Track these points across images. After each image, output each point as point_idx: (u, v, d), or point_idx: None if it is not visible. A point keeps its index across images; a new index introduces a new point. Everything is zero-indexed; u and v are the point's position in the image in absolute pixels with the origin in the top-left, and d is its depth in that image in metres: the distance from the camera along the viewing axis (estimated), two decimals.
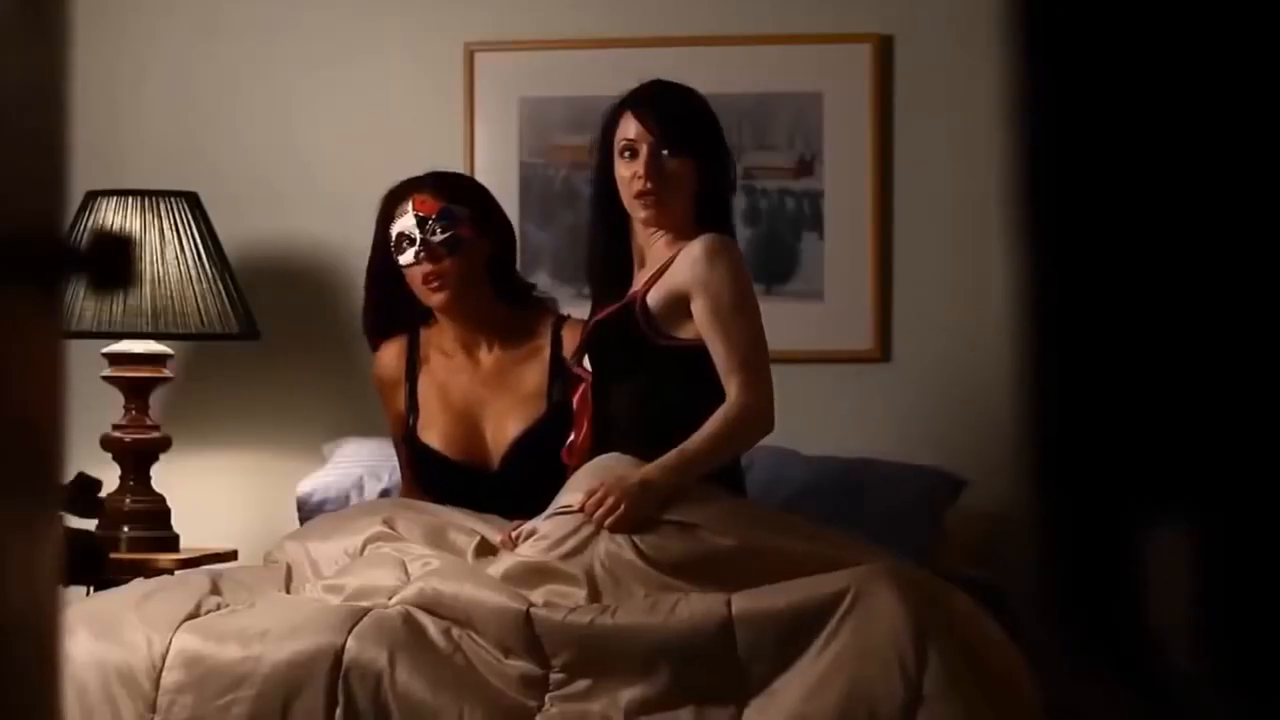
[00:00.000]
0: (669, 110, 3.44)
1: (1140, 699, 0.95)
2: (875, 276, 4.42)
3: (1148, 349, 0.94)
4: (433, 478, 3.71)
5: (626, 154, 3.43)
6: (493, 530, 3.45)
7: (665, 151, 3.41)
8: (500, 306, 3.76)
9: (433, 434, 3.72)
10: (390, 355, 3.80)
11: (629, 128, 3.43)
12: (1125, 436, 0.94)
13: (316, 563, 3.53)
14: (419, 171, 3.80)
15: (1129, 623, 0.95)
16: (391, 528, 3.51)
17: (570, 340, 3.70)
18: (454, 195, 3.69)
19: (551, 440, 3.59)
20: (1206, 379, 0.92)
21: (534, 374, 3.72)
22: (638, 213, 3.44)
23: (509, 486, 3.60)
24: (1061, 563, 0.97)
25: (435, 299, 3.67)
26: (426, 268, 3.63)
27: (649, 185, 3.39)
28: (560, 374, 3.69)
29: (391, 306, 3.76)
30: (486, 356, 3.75)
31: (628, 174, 3.42)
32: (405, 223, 3.64)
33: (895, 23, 4.43)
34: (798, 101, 4.44)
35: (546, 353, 3.73)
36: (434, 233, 3.63)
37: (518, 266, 3.90)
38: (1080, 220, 0.95)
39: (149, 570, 3.97)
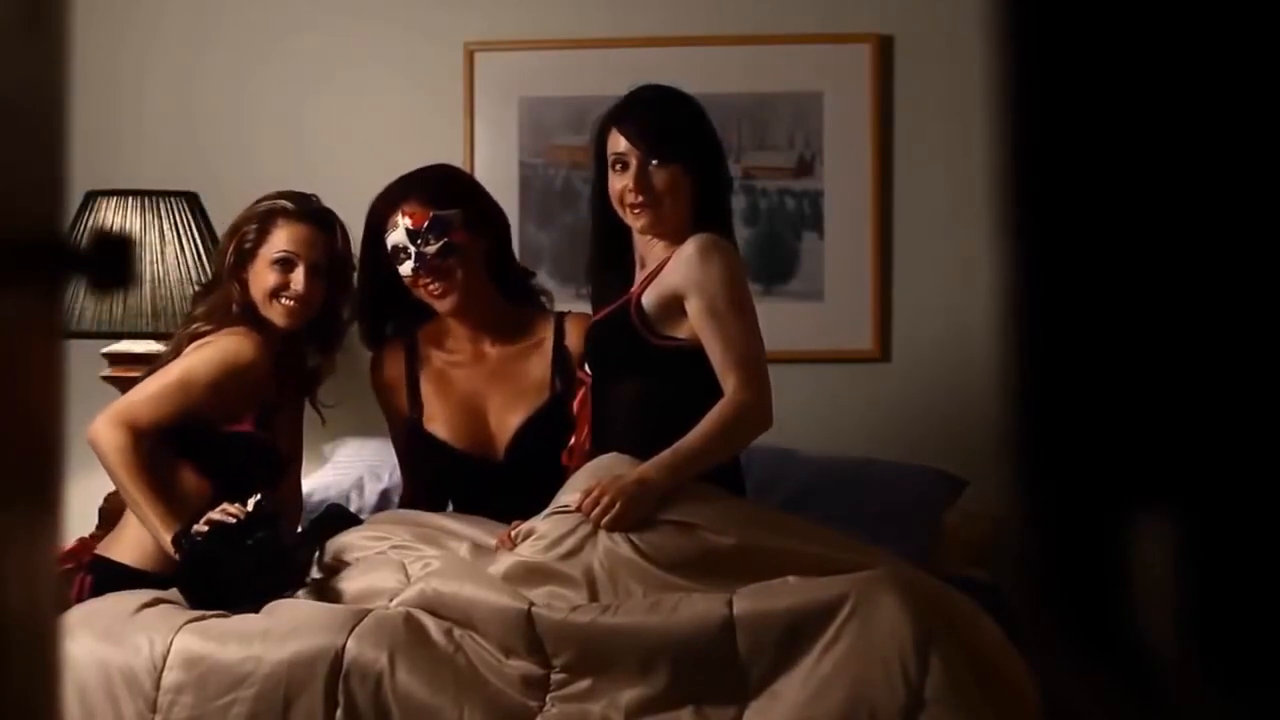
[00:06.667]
0: (654, 121, 3.45)
1: (1132, 696, 0.95)
2: (875, 276, 4.42)
3: (1133, 344, 0.94)
4: (439, 469, 3.71)
5: (618, 166, 3.45)
6: (486, 534, 3.44)
7: (654, 162, 3.42)
8: (504, 303, 3.76)
9: (438, 425, 3.72)
10: (389, 364, 3.79)
11: (617, 142, 3.45)
12: (1110, 432, 0.94)
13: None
14: None
15: (1118, 620, 0.95)
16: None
17: (574, 330, 3.71)
18: (442, 199, 3.67)
19: (555, 427, 3.60)
20: (1192, 374, 0.92)
21: (537, 366, 3.73)
22: (633, 223, 3.45)
23: (514, 476, 3.60)
24: (1050, 561, 0.97)
25: (442, 305, 3.67)
26: (426, 280, 3.64)
27: (640, 197, 3.41)
28: (562, 364, 3.70)
29: (384, 308, 3.76)
30: (490, 351, 3.76)
31: (619, 186, 3.44)
32: (398, 236, 3.64)
33: (895, 23, 4.43)
34: (798, 101, 4.44)
35: (549, 344, 3.74)
36: (427, 243, 3.62)
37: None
38: (1064, 215, 0.95)
39: None
